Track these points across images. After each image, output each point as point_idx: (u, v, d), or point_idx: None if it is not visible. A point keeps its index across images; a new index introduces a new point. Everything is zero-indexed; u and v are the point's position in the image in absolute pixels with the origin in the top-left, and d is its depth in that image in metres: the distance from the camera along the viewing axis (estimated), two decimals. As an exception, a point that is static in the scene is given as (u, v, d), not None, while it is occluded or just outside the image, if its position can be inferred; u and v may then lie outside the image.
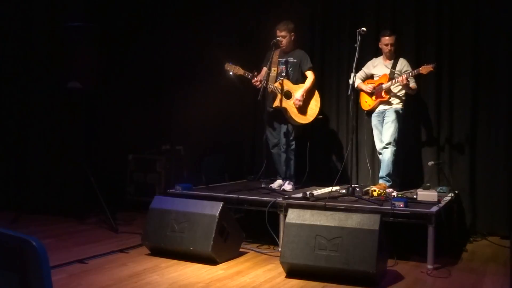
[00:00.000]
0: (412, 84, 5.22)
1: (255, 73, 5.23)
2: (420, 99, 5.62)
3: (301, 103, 5.20)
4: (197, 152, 6.61)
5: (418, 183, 5.44)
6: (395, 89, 5.26)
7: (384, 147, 5.23)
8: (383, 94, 5.24)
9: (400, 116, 5.25)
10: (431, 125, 5.61)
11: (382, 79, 5.30)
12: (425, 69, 4.96)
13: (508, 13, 5.23)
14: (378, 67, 5.40)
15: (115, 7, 6.82)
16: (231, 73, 5.27)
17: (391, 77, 5.23)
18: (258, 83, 5.14)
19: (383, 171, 5.22)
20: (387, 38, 5.26)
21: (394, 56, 5.32)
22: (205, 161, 6.36)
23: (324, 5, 6.21)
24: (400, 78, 5.08)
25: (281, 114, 5.29)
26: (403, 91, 5.26)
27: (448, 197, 4.87)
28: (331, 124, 6.15)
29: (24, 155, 6.40)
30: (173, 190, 5.16)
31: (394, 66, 5.28)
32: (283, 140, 5.31)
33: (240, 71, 5.26)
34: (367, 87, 5.34)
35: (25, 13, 6.35)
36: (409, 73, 5.10)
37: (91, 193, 5.44)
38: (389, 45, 5.25)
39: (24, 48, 6.35)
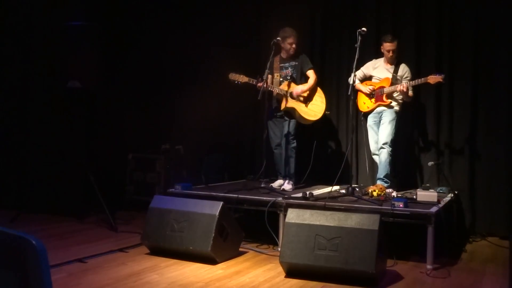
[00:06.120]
0: (410, 92, 5.17)
1: (259, 78, 5.23)
2: (420, 99, 5.62)
3: (300, 91, 5.23)
4: (197, 151, 6.61)
5: (418, 184, 5.44)
6: (396, 93, 5.23)
7: (381, 147, 5.19)
8: (384, 98, 5.19)
9: (397, 117, 5.21)
10: (431, 125, 5.61)
11: (384, 82, 5.23)
12: (433, 79, 4.87)
13: (508, 14, 5.23)
14: (379, 69, 5.33)
15: (116, 6, 6.82)
16: (236, 82, 5.28)
17: (394, 82, 5.15)
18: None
19: (380, 173, 5.20)
20: (388, 44, 5.17)
21: (395, 61, 5.25)
22: (205, 161, 6.36)
23: (324, 6, 6.21)
24: (400, 87, 5.02)
25: (287, 114, 5.32)
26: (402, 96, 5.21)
27: (447, 198, 4.87)
28: (331, 124, 6.15)
29: (24, 154, 6.40)
30: (173, 189, 5.15)
31: (396, 71, 5.21)
32: (284, 138, 5.33)
33: (244, 78, 5.29)
34: (366, 88, 5.30)
35: (25, 12, 6.35)
36: (414, 81, 5.03)
37: (90, 192, 5.44)
38: (390, 51, 5.17)
39: (24, 47, 6.35)
